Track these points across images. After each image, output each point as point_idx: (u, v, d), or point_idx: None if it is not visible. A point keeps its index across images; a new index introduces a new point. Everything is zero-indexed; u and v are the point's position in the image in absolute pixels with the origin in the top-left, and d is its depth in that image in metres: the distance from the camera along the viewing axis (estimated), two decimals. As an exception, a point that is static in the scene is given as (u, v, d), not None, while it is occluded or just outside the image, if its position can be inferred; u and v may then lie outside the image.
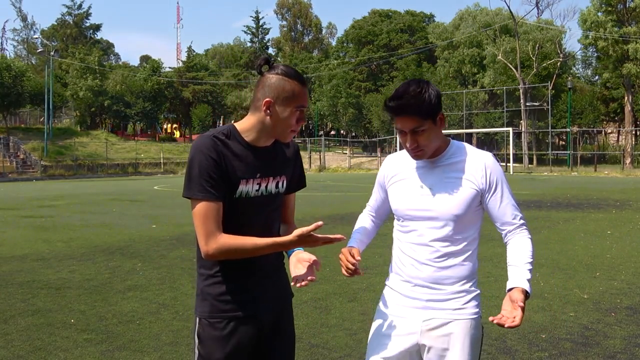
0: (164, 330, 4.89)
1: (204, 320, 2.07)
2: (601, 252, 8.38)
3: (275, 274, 2.22)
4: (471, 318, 2.15)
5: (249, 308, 2.09)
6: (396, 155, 2.32)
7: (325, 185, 26.76)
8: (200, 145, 1.99)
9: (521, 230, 2.20)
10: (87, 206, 16.89)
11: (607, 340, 4.55)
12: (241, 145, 2.05)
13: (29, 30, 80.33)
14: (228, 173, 2.01)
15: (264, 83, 2.03)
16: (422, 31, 61.84)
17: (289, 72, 2.03)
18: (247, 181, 2.05)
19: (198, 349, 2.08)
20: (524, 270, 2.10)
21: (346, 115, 59.26)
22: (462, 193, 2.12)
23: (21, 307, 5.66)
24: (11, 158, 42.22)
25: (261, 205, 2.10)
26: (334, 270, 7.21)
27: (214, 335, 2.05)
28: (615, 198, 17.76)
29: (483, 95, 51.57)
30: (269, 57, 2.10)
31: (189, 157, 2.02)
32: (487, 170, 2.14)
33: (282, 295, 2.23)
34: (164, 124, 68.76)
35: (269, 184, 2.12)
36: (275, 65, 2.05)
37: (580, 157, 42.67)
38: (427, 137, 2.08)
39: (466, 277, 2.17)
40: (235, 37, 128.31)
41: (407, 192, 2.19)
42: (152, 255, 8.48)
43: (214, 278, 2.08)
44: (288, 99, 2.01)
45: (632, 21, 43.66)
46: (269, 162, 2.12)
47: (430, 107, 2.06)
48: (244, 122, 2.10)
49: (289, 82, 2.01)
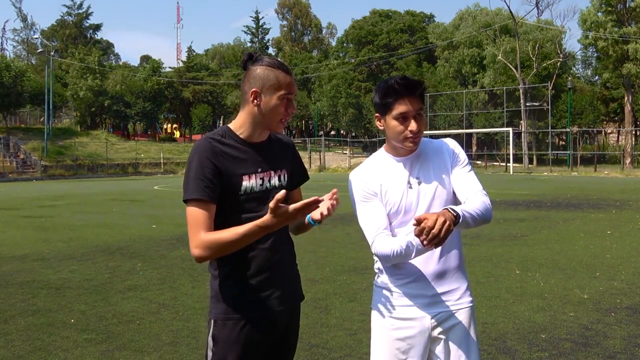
0: (164, 330, 4.89)
1: (220, 322, 2.06)
2: (601, 252, 8.38)
3: (288, 273, 2.20)
4: (470, 306, 2.23)
5: (265, 307, 2.08)
6: (361, 168, 2.26)
7: (325, 185, 26.75)
8: (197, 148, 2.03)
9: (479, 194, 2.13)
10: (87, 206, 16.89)
11: (607, 340, 4.55)
12: (237, 142, 2.08)
13: (29, 30, 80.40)
14: (228, 172, 2.03)
15: (249, 76, 2.07)
16: (422, 31, 61.83)
17: (272, 62, 2.07)
18: (249, 176, 2.07)
19: (212, 351, 2.07)
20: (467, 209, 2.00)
21: (346, 115, 59.25)
22: (446, 177, 2.19)
23: (21, 307, 5.66)
24: (11, 158, 42.22)
25: (265, 199, 2.07)
26: (334, 270, 7.22)
27: (229, 337, 2.05)
28: (615, 198, 17.75)
29: (483, 95, 51.57)
30: (251, 53, 2.13)
31: (188, 160, 2.05)
32: (455, 149, 2.24)
33: (296, 295, 2.23)
34: (164, 124, 68.77)
35: (272, 178, 2.14)
36: (259, 58, 2.09)
37: (580, 157, 42.67)
38: (423, 123, 2.17)
39: (461, 265, 2.24)
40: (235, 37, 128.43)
41: (396, 192, 2.17)
42: (152, 255, 8.47)
43: (228, 279, 2.08)
44: (273, 87, 2.04)
45: (632, 21, 43.64)
46: (267, 157, 2.14)
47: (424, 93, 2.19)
48: (236, 121, 2.13)
49: (273, 71, 2.04)
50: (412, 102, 2.09)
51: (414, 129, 2.10)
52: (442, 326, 2.17)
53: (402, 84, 2.08)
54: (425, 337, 2.17)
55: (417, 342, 2.17)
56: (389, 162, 2.22)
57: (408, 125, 2.10)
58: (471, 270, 2.14)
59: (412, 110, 2.09)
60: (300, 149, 54.37)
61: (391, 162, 2.22)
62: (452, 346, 2.17)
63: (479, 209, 2.05)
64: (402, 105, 2.09)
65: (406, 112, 2.09)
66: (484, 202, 2.09)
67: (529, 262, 7.67)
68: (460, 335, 2.18)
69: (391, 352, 2.19)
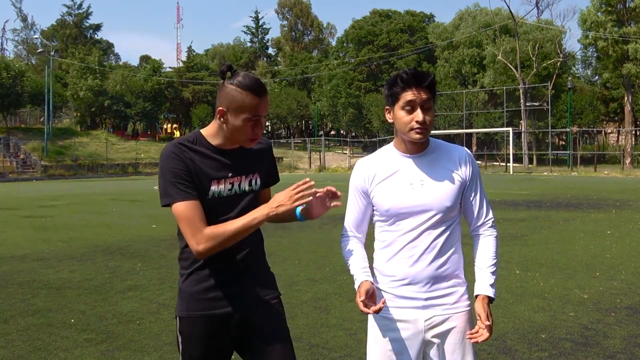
0: (164, 330, 4.89)
1: (184, 318, 2.15)
2: (601, 252, 8.38)
3: (254, 271, 2.21)
4: (467, 310, 2.20)
5: (224, 305, 2.12)
6: (369, 158, 2.29)
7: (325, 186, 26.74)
8: (168, 153, 2.06)
9: (489, 230, 2.26)
10: (87, 206, 16.89)
11: (607, 340, 4.55)
12: (207, 149, 2.11)
13: (29, 30, 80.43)
14: (198, 176, 2.07)
15: (221, 91, 2.09)
16: (422, 31, 61.78)
17: (244, 82, 2.04)
18: (218, 182, 2.10)
19: (181, 345, 2.16)
20: (488, 274, 2.19)
21: (346, 115, 59.23)
22: (452, 184, 2.15)
23: (21, 307, 5.66)
24: (11, 158, 42.22)
25: (234, 203, 2.13)
26: (334, 270, 7.21)
27: (192, 333, 2.13)
28: (615, 198, 17.75)
29: (483, 95, 51.54)
30: (231, 65, 2.13)
31: (160, 166, 2.07)
32: (469, 163, 2.20)
33: (259, 293, 2.20)
34: (164, 124, 68.74)
35: (242, 183, 2.16)
36: (235, 74, 2.07)
37: (580, 157, 42.67)
38: (432, 116, 2.12)
39: (458, 270, 2.21)
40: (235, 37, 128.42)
41: (396, 189, 2.16)
42: (152, 255, 8.48)
43: (190, 277, 2.15)
44: (238, 109, 2.04)
45: (631, 21, 43.63)
46: (239, 162, 2.16)
47: (435, 87, 2.13)
48: (208, 128, 2.15)
49: (241, 93, 2.03)
50: (420, 91, 2.08)
51: (420, 119, 2.08)
52: (436, 330, 2.15)
53: (410, 72, 2.10)
54: (419, 339, 2.16)
55: (411, 345, 2.16)
56: (395, 157, 2.21)
57: (415, 115, 2.09)
58: (471, 270, 2.14)
59: (420, 100, 2.08)
60: (300, 148, 54.38)
61: (397, 158, 2.20)
62: (447, 351, 2.15)
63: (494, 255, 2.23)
64: (409, 94, 2.08)
65: (413, 101, 2.08)
66: (495, 242, 2.24)
67: (529, 262, 7.67)
68: (455, 340, 2.16)
69: (384, 353, 2.20)
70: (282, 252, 8.49)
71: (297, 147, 55.18)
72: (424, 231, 2.14)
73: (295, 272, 6.89)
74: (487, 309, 2.13)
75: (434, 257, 2.14)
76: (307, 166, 47.69)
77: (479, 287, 2.17)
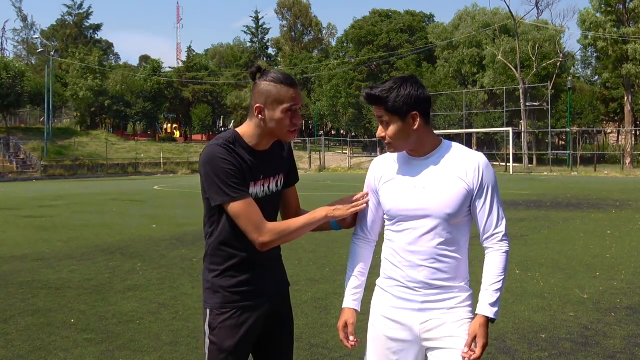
0: (164, 330, 4.89)
1: (216, 310, 2.21)
2: (601, 252, 8.38)
3: (275, 267, 2.38)
4: (466, 317, 2.15)
5: (254, 298, 2.24)
6: (383, 157, 2.33)
7: (325, 185, 26.76)
8: (216, 153, 2.13)
9: (498, 244, 2.17)
10: (87, 206, 16.89)
11: (607, 340, 4.55)
12: (245, 150, 2.19)
13: (29, 30, 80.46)
14: (244, 176, 2.16)
15: (254, 90, 2.19)
16: (422, 31, 61.77)
17: (277, 77, 2.17)
18: (255, 183, 2.21)
19: (209, 338, 2.21)
20: (491, 293, 2.12)
21: (346, 115, 59.24)
22: (454, 191, 2.10)
23: (21, 307, 5.66)
24: (11, 158, 42.22)
25: (265, 204, 2.23)
26: (334, 270, 7.21)
27: (226, 324, 2.20)
28: (615, 198, 17.75)
29: (483, 95, 51.53)
30: (260, 66, 2.26)
31: (207, 167, 2.13)
32: (480, 171, 2.12)
33: (281, 286, 2.40)
34: (164, 124, 68.75)
35: (270, 184, 2.28)
36: (266, 72, 2.20)
37: (580, 157, 42.67)
38: (393, 132, 2.13)
39: (458, 276, 2.16)
40: (235, 37, 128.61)
41: (399, 191, 2.17)
42: (152, 255, 8.48)
43: (225, 273, 2.22)
44: (276, 102, 2.15)
45: (631, 21, 43.64)
46: (269, 163, 2.26)
47: (395, 104, 2.09)
48: (244, 128, 2.24)
49: (276, 86, 2.15)
50: (375, 109, 2.16)
51: (378, 134, 2.21)
52: (432, 333, 2.13)
53: (364, 93, 2.18)
54: (417, 342, 2.15)
55: (408, 346, 2.16)
56: (405, 159, 2.23)
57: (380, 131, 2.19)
58: (472, 270, 2.12)
59: (377, 116, 2.17)
60: (300, 148, 54.34)
61: (406, 160, 2.22)
62: (445, 356, 2.11)
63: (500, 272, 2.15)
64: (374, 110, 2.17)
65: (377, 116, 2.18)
66: (502, 258, 2.15)
67: (529, 262, 7.67)
68: (452, 345, 2.11)
69: (382, 352, 2.20)
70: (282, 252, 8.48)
71: (297, 147, 55.15)
72: (423, 235, 2.12)
73: (295, 272, 6.88)
74: (482, 330, 2.08)
75: (433, 262, 2.12)
76: (307, 166, 47.64)
77: (478, 306, 2.12)
